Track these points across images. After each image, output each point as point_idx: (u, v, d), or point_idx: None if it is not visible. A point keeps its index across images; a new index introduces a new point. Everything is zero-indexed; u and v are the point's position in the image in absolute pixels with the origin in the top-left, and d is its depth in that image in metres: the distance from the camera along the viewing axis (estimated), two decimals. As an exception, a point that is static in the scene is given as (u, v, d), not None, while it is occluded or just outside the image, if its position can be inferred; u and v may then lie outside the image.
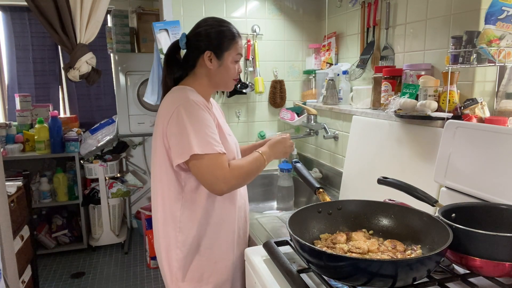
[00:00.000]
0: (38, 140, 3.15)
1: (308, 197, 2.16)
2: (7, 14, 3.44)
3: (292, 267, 0.96)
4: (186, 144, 1.20)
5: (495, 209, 0.98)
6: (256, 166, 1.30)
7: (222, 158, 1.23)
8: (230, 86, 1.41)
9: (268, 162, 1.34)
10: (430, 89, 1.37)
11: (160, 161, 1.30)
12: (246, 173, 1.27)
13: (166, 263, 1.34)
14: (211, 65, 1.33)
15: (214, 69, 1.33)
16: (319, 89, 2.27)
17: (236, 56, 1.35)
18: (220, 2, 2.27)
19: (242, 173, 1.26)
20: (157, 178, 1.33)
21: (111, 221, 3.42)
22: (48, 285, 2.88)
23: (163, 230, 1.33)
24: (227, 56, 1.32)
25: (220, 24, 1.35)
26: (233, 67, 1.35)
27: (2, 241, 1.46)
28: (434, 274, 0.91)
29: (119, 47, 3.24)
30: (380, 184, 1.23)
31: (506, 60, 1.16)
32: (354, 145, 1.84)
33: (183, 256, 1.31)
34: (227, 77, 1.36)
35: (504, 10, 1.14)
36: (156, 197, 1.35)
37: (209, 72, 1.34)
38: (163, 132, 1.27)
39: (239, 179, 1.25)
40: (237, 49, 1.34)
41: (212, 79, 1.36)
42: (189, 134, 1.20)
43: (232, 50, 1.33)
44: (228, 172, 1.22)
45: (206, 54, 1.32)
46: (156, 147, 1.32)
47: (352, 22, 2.05)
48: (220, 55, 1.32)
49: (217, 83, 1.37)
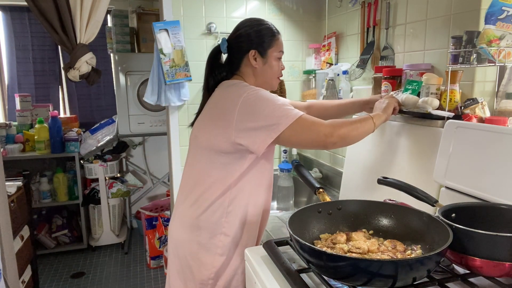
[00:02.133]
0: (38, 140, 3.15)
1: (308, 197, 2.16)
2: (7, 14, 3.44)
3: (292, 267, 0.96)
4: (273, 121, 1.19)
5: (495, 209, 0.98)
6: (364, 129, 1.27)
7: (308, 117, 1.23)
8: (274, 85, 1.42)
9: (376, 127, 1.31)
10: (432, 86, 1.37)
11: (215, 152, 1.30)
12: (352, 127, 1.24)
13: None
14: (256, 63, 1.35)
15: (259, 68, 1.36)
16: (319, 89, 2.27)
17: (279, 54, 1.38)
18: (220, 2, 2.27)
19: (347, 124, 1.24)
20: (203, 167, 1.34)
21: (111, 221, 3.42)
22: (48, 285, 2.89)
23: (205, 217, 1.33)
24: (270, 53, 1.35)
25: (259, 23, 1.38)
26: (277, 64, 1.38)
27: (2, 241, 1.46)
28: (434, 274, 0.91)
29: (119, 47, 3.24)
30: (380, 184, 1.23)
31: (506, 60, 1.16)
32: (354, 145, 1.84)
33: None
34: (272, 74, 1.38)
35: (504, 10, 1.14)
36: (196, 183, 1.35)
37: (255, 71, 1.37)
38: (226, 122, 1.25)
39: (343, 128, 1.22)
40: (278, 46, 1.37)
41: (258, 78, 1.38)
42: (272, 111, 1.20)
43: (275, 47, 1.36)
44: (328, 124, 1.22)
45: (251, 54, 1.35)
46: (206, 139, 1.32)
47: (352, 22, 2.05)
48: (264, 53, 1.35)
49: (262, 82, 1.39)
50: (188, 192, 1.39)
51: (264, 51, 1.35)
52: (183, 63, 2.11)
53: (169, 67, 2.08)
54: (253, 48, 1.35)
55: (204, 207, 1.33)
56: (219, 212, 1.32)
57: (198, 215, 1.34)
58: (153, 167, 3.82)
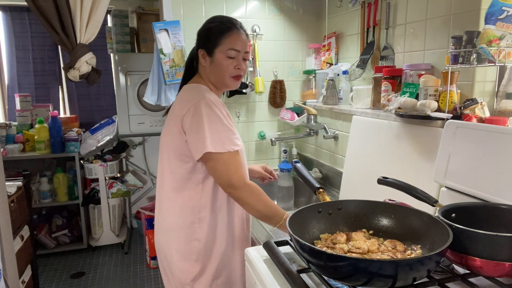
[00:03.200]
0: (38, 140, 3.15)
1: (308, 197, 2.16)
2: (7, 14, 3.44)
3: (292, 267, 0.96)
4: (201, 142, 1.21)
5: (495, 209, 0.98)
6: (272, 213, 1.25)
7: (236, 155, 1.24)
8: (229, 84, 1.36)
9: (278, 227, 1.27)
10: (430, 88, 1.37)
11: (174, 157, 1.32)
12: (261, 200, 1.24)
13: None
14: (205, 62, 1.33)
15: (207, 67, 1.33)
16: (319, 89, 2.27)
17: (228, 52, 1.30)
18: (220, 2, 2.28)
19: (258, 193, 1.24)
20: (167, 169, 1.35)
21: (111, 221, 3.42)
22: (48, 285, 2.88)
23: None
24: (217, 52, 1.30)
25: (211, 20, 1.34)
26: (227, 63, 1.30)
27: (2, 241, 1.46)
28: (434, 274, 0.91)
29: (119, 47, 3.24)
30: (380, 184, 1.23)
31: (506, 60, 1.16)
32: (354, 145, 1.84)
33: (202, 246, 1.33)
34: (221, 74, 1.32)
35: (504, 10, 1.14)
36: (165, 188, 1.36)
37: (205, 70, 1.35)
38: (178, 126, 1.27)
39: (252, 193, 1.23)
40: (228, 43, 1.29)
41: (210, 77, 1.35)
42: (205, 132, 1.21)
43: (223, 45, 1.29)
44: (243, 174, 1.25)
45: (200, 53, 1.33)
46: (168, 142, 1.34)
47: (352, 22, 2.05)
48: (211, 52, 1.31)
49: (216, 81, 1.35)
50: (160, 198, 1.40)
51: (210, 50, 1.31)
52: (183, 63, 2.11)
53: (169, 67, 2.08)
54: (201, 47, 1.33)
55: (176, 213, 1.33)
56: (191, 218, 1.31)
57: (171, 221, 1.34)
58: (153, 167, 3.82)
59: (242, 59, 1.34)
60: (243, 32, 1.34)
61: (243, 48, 1.33)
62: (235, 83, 1.36)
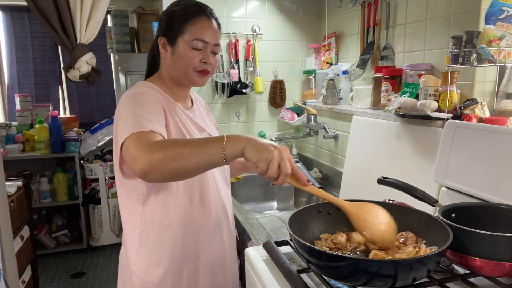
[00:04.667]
0: (38, 140, 3.15)
1: (308, 197, 2.16)
2: (7, 14, 3.45)
3: (292, 267, 0.96)
4: (118, 133, 0.97)
5: (495, 209, 0.98)
6: (198, 159, 0.85)
7: (148, 134, 0.92)
8: (194, 79, 1.13)
9: (230, 157, 0.85)
10: (430, 88, 1.37)
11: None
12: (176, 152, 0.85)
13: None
14: (165, 53, 1.12)
15: (168, 58, 1.12)
16: (319, 89, 2.27)
17: (194, 42, 1.08)
18: (220, 2, 2.27)
19: (170, 146, 0.87)
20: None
21: (111, 221, 3.42)
22: (48, 285, 2.88)
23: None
24: (180, 41, 1.09)
25: (175, 3, 1.13)
26: (190, 55, 1.09)
27: (2, 241, 1.46)
28: (434, 274, 0.91)
29: (119, 47, 3.24)
30: (380, 184, 1.23)
31: (506, 60, 1.16)
32: (354, 145, 1.84)
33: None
34: (183, 66, 1.10)
35: (504, 10, 1.14)
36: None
37: (165, 62, 1.14)
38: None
39: (160, 152, 0.85)
40: (194, 33, 1.08)
41: (170, 70, 1.14)
42: (122, 120, 0.99)
43: (187, 33, 1.08)
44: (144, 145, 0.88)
45: (160, 41, 1.12)
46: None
47: (352, 22, 2.05)
48: (172, 40, 1.10)
49: (177, 76, 1.14)
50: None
51: (173, 38, 1.10)
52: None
53: (169, 67, 2.08)
54: (161, 35, 1.12)
55: (125, 220, 1.22)
56: (133, 226, 1.20)
57: (124, 229, 1.24)
58: (153, 167, 3.82)
59: (211, 52, 1.12)
60: (213, 20, 1.13)
61: (212, 40, 1.11)
62: (201, 80, 1.14)
